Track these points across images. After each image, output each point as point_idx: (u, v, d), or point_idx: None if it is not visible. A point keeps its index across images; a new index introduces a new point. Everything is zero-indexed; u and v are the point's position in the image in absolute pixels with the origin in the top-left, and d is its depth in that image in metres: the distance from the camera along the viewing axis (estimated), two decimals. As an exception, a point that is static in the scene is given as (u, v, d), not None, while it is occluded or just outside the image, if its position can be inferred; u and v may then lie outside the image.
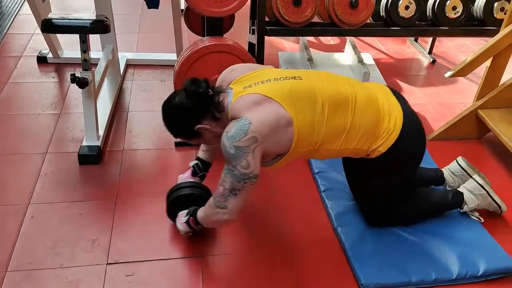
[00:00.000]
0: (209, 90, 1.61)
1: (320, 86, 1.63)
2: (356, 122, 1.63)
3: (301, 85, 1.62)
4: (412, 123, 1.73)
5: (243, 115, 1.52)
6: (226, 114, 1.60)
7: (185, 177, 1.95)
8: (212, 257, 1.81)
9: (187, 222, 1.76)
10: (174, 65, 2.47)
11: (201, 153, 1.96)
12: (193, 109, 1.60)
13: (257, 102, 1.55)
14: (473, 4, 2.69)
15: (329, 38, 3.62)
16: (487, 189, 1.95)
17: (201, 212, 1.72)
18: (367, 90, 1.72)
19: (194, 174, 1.94)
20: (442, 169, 2.13)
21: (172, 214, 1.87)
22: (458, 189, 1.99)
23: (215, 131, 1.61)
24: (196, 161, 1.95)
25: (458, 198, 1.95)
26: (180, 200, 1.84)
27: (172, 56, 3.02)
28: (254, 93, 1.57)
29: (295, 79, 1.64)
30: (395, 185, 1.80)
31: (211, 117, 1.61)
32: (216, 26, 2.23)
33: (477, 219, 1.97)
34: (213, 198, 1.63)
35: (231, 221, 1.65)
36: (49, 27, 2.07)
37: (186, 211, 1.79)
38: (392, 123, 1.67)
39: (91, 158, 2.21)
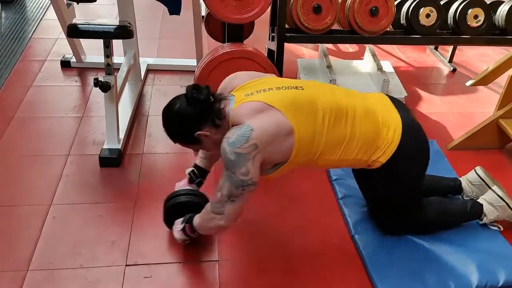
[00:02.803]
0: (211, 97, 1.62)
1: (321, 97, 1.65)
2: (355, 133, 1.64)
3: (303, 95, 1.63)
4: (413, 132, 1.72)
5: (244, 122, 1.53)
6: (227, 121, 1.61)
7: (182, 184, 1.95)
8: (230, 261, 1.82)
9: (183, 229, 1.76)
10: (193, 71, 2.50)
11: (198, 160, 1.96)
12: (194, 116, 1.60)
13: (259, 110, 1.56)
14: (495, 13, 2.67)
15: (348, 45, 3.62)
16: (507, 201, 1.93)
17: (197, 218, 1.72)
18: (366, 102, 1.73)
19: (190, 181, 1.94)
20: (460, 179, 2.11)
21: (168, 221, 1.86)
22: (478, 200, 1.97)
23: (215, 137, 1.62)
24: (193, 168, 1.95)
25: (477, 209, 1.93)
26: (176, 207, 1.84)
27: (192, 62, 3.05)
28: (256, 101, 1.58)
29: (297, 89, 1.65)
30: (401, 194, 1.80)
31: (211, 123, 1.61)
32: (236, 32, 2.26)
33: (496, 228, 1.95)
34: (210, 203, 1.64)
35: (227, 227, 1.65)
36: (75, 32, 2.12)
37: (182, 218, 1.79)
38: (391, 134, 1.67)
39: (111, 160, 2.24)
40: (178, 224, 1.79)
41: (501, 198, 1.93)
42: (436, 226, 1.93)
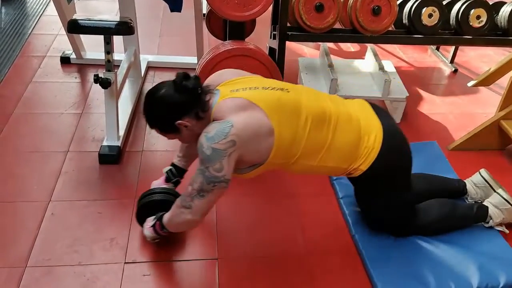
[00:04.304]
0: (198, 88, 1.59)
1: (306, 101, 1.63)
2: (336, 141, 1.63)
3: (288, 97, 1.62)
4: (393, 138, 1.71)
5: (226, 118, 1.52)
6: (209, 115, 1.59)
7: (159, 183, 1.93)
8: (229, 260, 1.80)
9: (153, 226, 1.73)
10: (194, 68, 2.49)
11: (176, 159, 1.94)
12: (179, 104, 1.57)
13: (242, 107, 1.54)
14: (498, 14, 2.67)
15: (349, 44, 3.61)
16: None
17: (167, 215, 1.70)
18: (349, 109, 1.71)
19: (167, 180, 1.93)
20: (465, 181, 2.10)
21: (141, 219, 1.84)
22: (483, 203, 1.96)
23: (195, 129, 1.59)
24: (170, 167, 1.94)
25: (482, 212, 1.93)
26: (150, 205, 1.81)
27: (193, 60, 3.04)
28: (241, 97, 1.56)
29: (283, 91, 1.63)
30: (390, 201, 1.79)
31: (194, 115, 1.58)
32: (238, 30, 2.25)
33: (502, 230, 1.95)
34: (180, 198, 1.62)
35: (195, 222, 1.62)
36: (75, 28, 2.11)
37: (153, 216, 1.77)
38: (372, 141, 1.66)
39: (111, 158, 2.23)
40: (149, 222, 1.77)
41: (506, 201, 1.92)
42: (439, 228, 1.91)
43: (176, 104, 1.57)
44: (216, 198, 1.58)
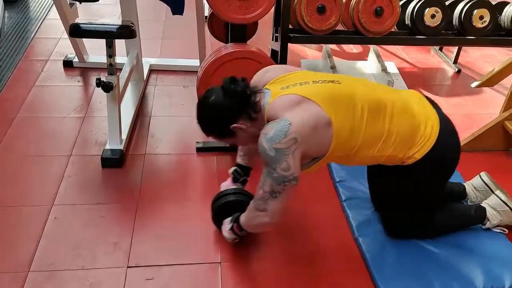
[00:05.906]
0: (247, 90, 1.59)
1: (359, 91, 1.61)
2: (393, 129, 1.60)
3: (340, 89, 1.60)
4: (448, 130, 1.69)
5: (281, 116, 1.50)
6: (262, 115, 1.58)
7: (227, 184, 1.95)
8: (232, 263, 1.80)
9: (232, 229, 1.75)
10: (196, 71, 2.49)
11: (239, 159, 1.94)
12: (230, 108, 1.58)
13: (296, 103, 1.52)
14: (501, 14, 2.65)
15: (351, 46, 3.60)
16: (510, 205, 1.91)
17: (243, 217, 1.71)
18: (403, 97, 1.69)
19: (235, 180, 1.93)
20: (464, 184, 2.09)
21: (217, 222, 1.87)
22: (481, 204, 1.95)
23: (250, 131, 1.59)
24: (235, 167, 1.94)
25: (480, 213, 1.91)
26: (223, 208, 1.84)
27: (195, 62, 3.04)
28: (293, 94, 1.55)
29: (334, 83, 1.62)
30: (425, 193, 1.77)
31: (247, 117, 1.59)
32: (240, 32, 2.24)
33: (500, 231, 1.93)
34: (253, 201, 1.62)
35: (272, 224, 1.62)
36: (77, 32, 2.11)
37: (230, 218, 1.78)
38: (429, 130, 1.63)
39: (113, 161, 2.23)
40: (227, 224, 1.78)
41: (504, 203, 1.91)
42: (440, 231, 1.90)
43: (227, 108, 1.58)
44: (290, 196, 1.57)
